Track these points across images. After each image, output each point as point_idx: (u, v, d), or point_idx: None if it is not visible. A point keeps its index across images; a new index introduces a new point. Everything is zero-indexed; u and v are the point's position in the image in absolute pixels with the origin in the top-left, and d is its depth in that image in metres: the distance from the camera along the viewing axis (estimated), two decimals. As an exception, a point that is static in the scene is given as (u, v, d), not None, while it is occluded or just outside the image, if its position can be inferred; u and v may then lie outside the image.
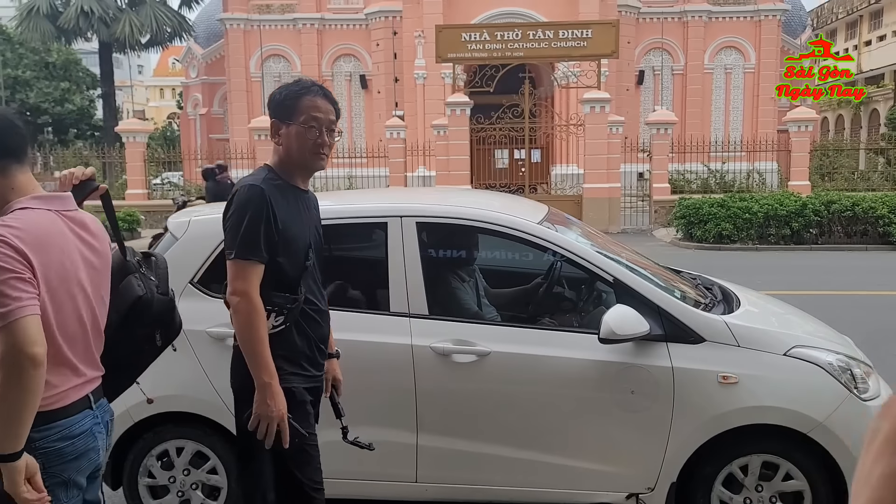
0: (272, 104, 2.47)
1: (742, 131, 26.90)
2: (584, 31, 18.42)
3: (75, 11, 24.03)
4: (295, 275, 2.44)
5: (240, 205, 2.35)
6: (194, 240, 3.39)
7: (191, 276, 3.30)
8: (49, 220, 1.90)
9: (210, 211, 3.88)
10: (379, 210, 3.50)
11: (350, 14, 27.85)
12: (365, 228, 3.52)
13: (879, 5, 42.41)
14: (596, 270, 3.28)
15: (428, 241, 3.49)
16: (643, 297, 3.15)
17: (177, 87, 54.54)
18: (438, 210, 3.55)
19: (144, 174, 19.88)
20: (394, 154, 20.06)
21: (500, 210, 3.50)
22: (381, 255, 3.33)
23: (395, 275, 3.27)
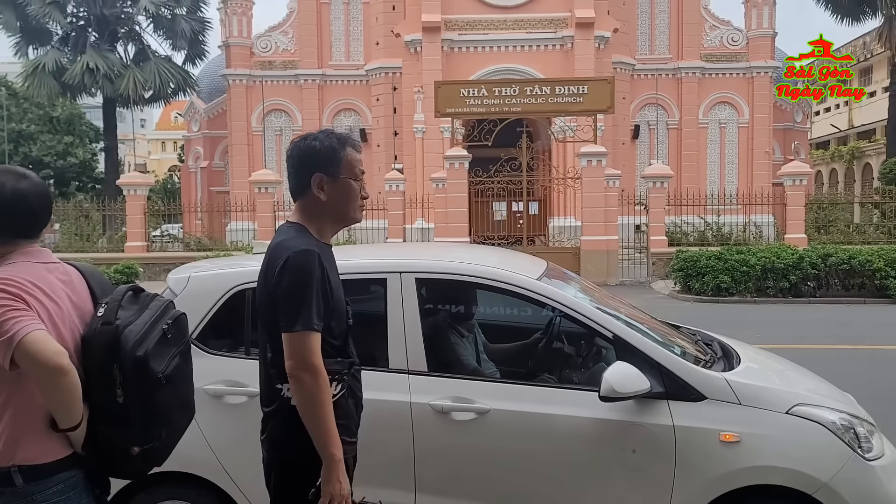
0: (313, 157, 2.33)
1: (737, 184, 27.18)
2: (580, 88, 18.78)
3: (81, 68, 24.47)
4: (343, 336, 2.37)
5: (297, 272, 2.20)
6: (194, 296, 3.38)
7: (189, 332, 3.28)
8: (36, 270, 2.00)
9: (209, 266, 3.88)
10: (378, 266, 3.51)
11: (351, 70, 28.42)
12: (364, 284, 3.50)
13: (868, 63, 43.38)
14: (595, 327, 3.27)
15: (427, 296, 3.49)
16: (643, 353, 3.14)
17: (179, 140, 55.29)
18: (438, 266, 3.55)
19: (144, 227, 19.96)
20: (393, 206, 20.20)
21: (499, 266, 3.51)
22: (380, 311, 3.32)
23: (394, 331, 3.26)
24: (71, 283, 2.10)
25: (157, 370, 2.04)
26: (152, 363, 2.03)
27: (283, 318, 2.21)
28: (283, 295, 2.21)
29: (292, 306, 2.20)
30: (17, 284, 1.90)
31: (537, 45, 24.42)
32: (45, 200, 2.09)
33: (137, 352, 2.00)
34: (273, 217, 19.99)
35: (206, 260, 4.37)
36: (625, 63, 26.99)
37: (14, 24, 25.32)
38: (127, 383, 2.00)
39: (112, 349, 2.00)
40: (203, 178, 32.68)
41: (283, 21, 28.98)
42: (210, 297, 3.32)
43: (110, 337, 2.01)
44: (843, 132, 46.10)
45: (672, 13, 28.46)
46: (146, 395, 2.03)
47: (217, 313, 3.34)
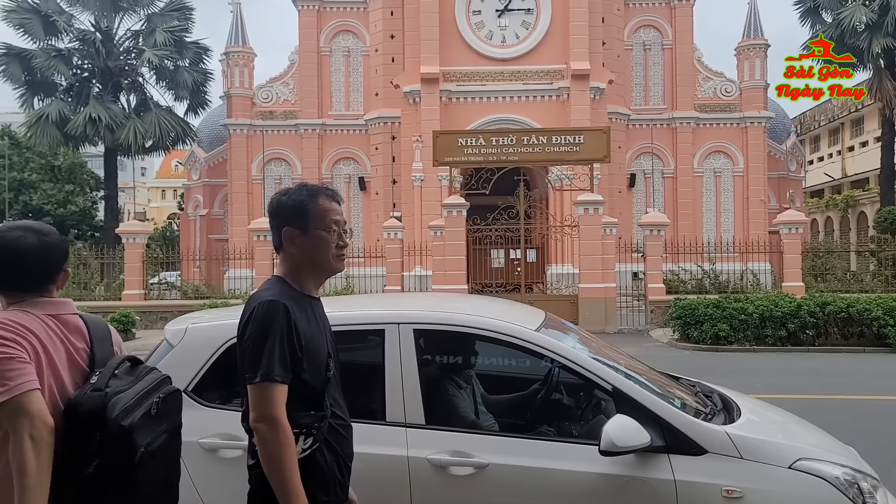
0: (282, 212, 2.36)
1: (734, 232, 27.35)
2: (576, 137, 19.03)
3: (84, 119, 24.78)
4: (319, 389, 2.30)
5: (261, 323, 2.19)
6: (191, 347, 3.36)
7: (185, 384, 3.24)
8: (36, 321, 2.00)
9: (208, 317, 3.87)
10: (376, 317, 3.50)
11: (350, 120, 28.82)
12: (362, 335, 3.48)
13: (860, 113, 44.11)
14: (595, 379, 3.25)
15: (425, 348, 3.46)
16: (643, 406, 3.12)
17: (179, 188, 55.69)
18: (436, 317, 3.54)
19: (142, 275, 19.96)
20: (391, 254, 20.25)
21: (497, 317, 3.50)
22: (378, 363, 3.30)
23: (392, 383, 3.23)
24: (68, 338, 2.09)
25: (140, 443, 1.97)
26: (136, 435, 1.97)
27: (246, 369, 2.19)
28: (246, 346, 2.20)
29: (254, 357, 2.17)
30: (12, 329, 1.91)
31: (534, 96, 24.84)
32: (45, 257, 2.11)
33: (123, 421, 1.94)
34: (271, 265, 19.99)
35: (205, 311, 4.34)
36: (620, 113, 27.42)
37: (20, 77, 25.72)
38: (106, 454, 1.93)
39: (97, 416, 1.95)
40: (202, 226, 32.82)
41: (284, 72, 29.50)
42: (207, 349, 3.29)
43: (97, 403, 1.97)
44: (837, 181, 46.58)
45: (666, 65, 29.04)
46: (126, 469, 1.95)
47: (214, 365, 3.30)
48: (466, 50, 24.90)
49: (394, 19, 27.36)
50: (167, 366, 3.30)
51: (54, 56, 25.61)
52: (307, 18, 28.84)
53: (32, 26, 25.46)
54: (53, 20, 25.59)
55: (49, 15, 25.46)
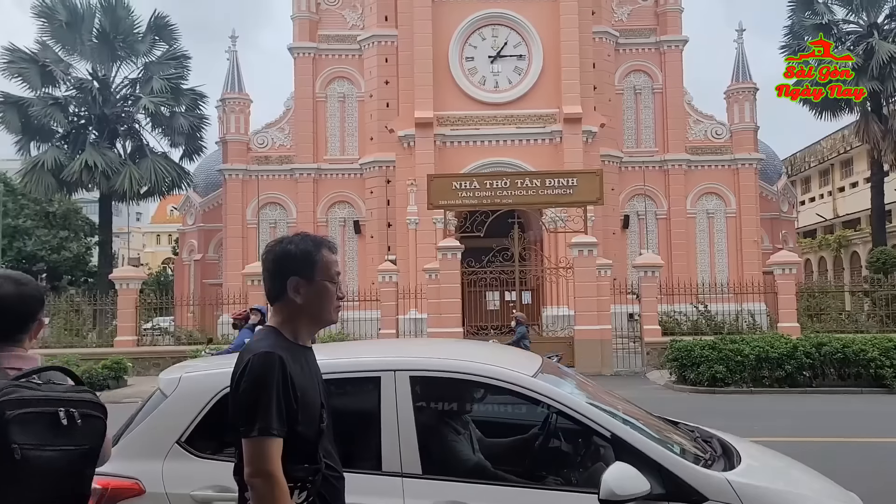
0: (289, 261, 2.32)
1: (728, 273, 27.42)
2: (569, 180, 19.21)
3: (80, 165, 24.93)
4: (313, 441, 2.27)
5: (257, 376, 2.16)
6: (184, 397, 3.30)
7: (178, 434, 3.19)
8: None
9: (202, 366, 3.83)
10: (372, 364, 3.46)
11: (346, 164, 29.04)
12: (357, 383, 3.44)
13: (849, 155, 44.68)
14: (592, 425, 3.22)
15: (421, 395, 3.42)
16: (642, 453, 3.08)
17: (173, 233, 55.70)
18: (432, 364, 3.51)
19: (135, 321, 19.84)
20: (385, 297, 20.20)
21: (493, 363, 3.48)
22: (374, 411, 3.25)
23: (388, 432, 3.18)
24: None
25: (13, 440, 1.85)
26: (13, 429, 1.85)
27: (241, 423, 2.15)
28: (242, 399, 2.17)
29: (249, 411, 2.14)
30: None
31: (527, 140, 25.13)
32: (20, 307, 2.10)
33: (7, 410, 1.85)
34: (266, 310, 19.89)
35: (201, 359, 4.29)
36: (612, 156, 27.71)
37: (17, 124, 25.93)
38: None
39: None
40: (196, 271, 32.76)
41: (280, 118, 29.82)
42: (201, 399, 3.24)
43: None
44: (829, 221, 46.92)
45: (656, 108, 29.47)
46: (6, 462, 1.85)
47: (207, 415, 3.24)
48: (460, 95, 25.27)
49: (388, 65, 27.80)
50: (161, 415, 3.26)
51: (51, 104, 25.88)
52: (303, 65, 29.28)
53: (30, 75, 25.78)
54: (51, 69, 25.92)
55: (46, 64, 25.80)
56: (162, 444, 3.17)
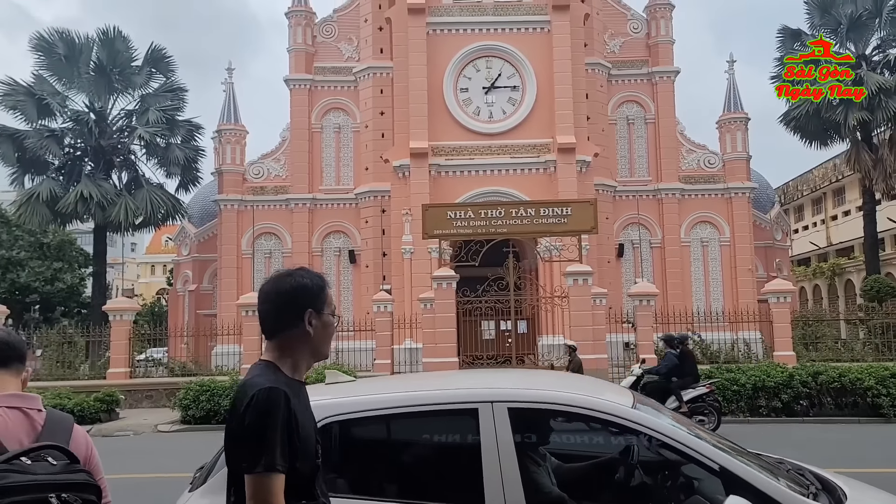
0: (307, 294, 2.33)
1: (723, 301, 27.43)
2: (564, 209, 19.29)
3: (75, 197, 24.91)
4: (309, 477, 2.26)
5: (262, 411, 2.14)
6: None
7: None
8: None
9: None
10: (467, 396, 3.37)
11: (341, 194, 29.14)
12: (453, 415, 3.35)
13: (841, 183, 45.05)
14: (699, 458, 3.09)
15: (521, 427, 3.32)
16: (754, 487, 2.95)
17: (168, 263, 55.62)
18: (531, 395, 3.42)
19: (128, 353, 19.70)
20: (381, 327, 20.13)
21: (591, 394, 3.40)
22: (471, 444, 3.17)
23: (490, 466, 3.07)
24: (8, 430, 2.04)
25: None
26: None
27: (245, 458, 2.12)
28: (247, 434, 2.13)
29: (255, 446, 2.11)
30: None
31: (521, 169, 25.27)
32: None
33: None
34: (259, 340, 19.78)
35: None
36: (606, 185, 27.88)
37: (12, 157, 25.97)
38: None
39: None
40: (191, 302, 32.64)
41: (275, 149, 29.97)
42: None
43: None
44: (823, 249, 47.13)
45: (649, 138, 29.73)
46: None
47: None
48: (454, 125, 25.46)
49: (383, 97, 28.06)
50: None
51: (47, 136, 25.94)
52: (299, 97, 29.52)
53: (27, 108, 25.87)
54: (47, 102, 26.03)
55: (43, 97, 25.92)
56: None
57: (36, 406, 2.10)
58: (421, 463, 3.20)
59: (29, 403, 2.10)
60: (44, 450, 2.01)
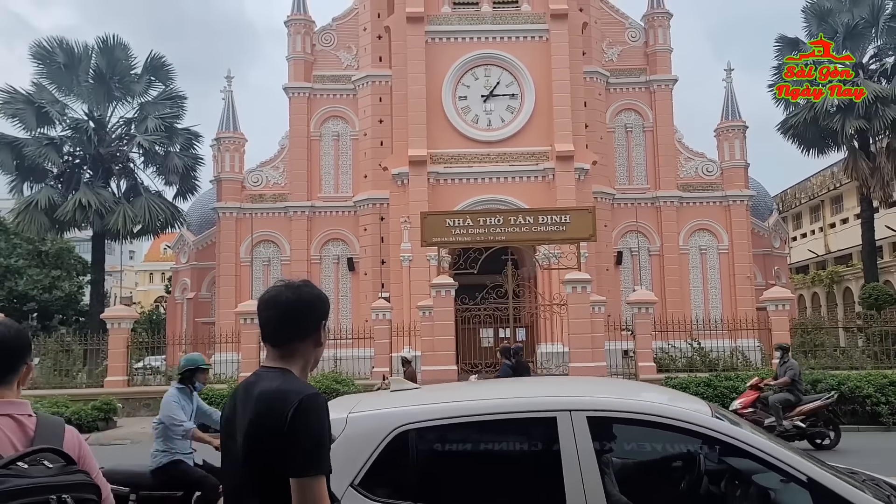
0: (321, 304, 2.40)
1: (721, 309, 27.41)
2: (562, 217, 19.31)
3: (73, 205, 24.90)
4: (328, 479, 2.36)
5: (316, 417, 2.18)
6: (355, 437, 3.16)
7: (351, 478, 3.05)
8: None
9: (363, 405, 3.63)
10: (546, 404, 3.34)
11: (339, 202, 29.15)
12: (530, 424, 3.31)
13: (839, 191, 45.11)
14: (787, 468, 3.04)
15: (601, 436, 3.28)
16: (843, 498, 2.91)
17: (166, 271, 55.56)
18: (611, 404, 3.39)
19: (126, 361, 19.65)
20: (379, 335, 20.10)
21: (670, 403, 3.36)
22: (551, 453, 3.13)
23: (571, 476, 3.03)
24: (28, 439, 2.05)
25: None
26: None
27: (297, 462, 2.14)
28: (302, 439, 2.14)
29: (312, 451, 2.15)
30: None
31: (520, 177, 25.30)
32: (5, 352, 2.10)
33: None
34: (258, 348, 19.75)
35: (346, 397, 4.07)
36: (605, 193, 27.91)
37: (10, 165, 25.94)
38: None
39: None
40: (189, 310, 32.60)
41: (274, 156, 30.00)
42: (373, 439, 3.13)
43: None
44: (821, 257, 47.17)
45: (647, 146, 29.79)
46: None
47: (381, 456, 3.13)
48: (453, 133, 25.50)
49: (382, 105, 28.12)
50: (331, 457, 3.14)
51: (46, 144, 25.94)
52: (298, 105, 29.57)
53: (26, 116, 25.88)
54: (46, 110, 26.04)
55: (42, 105, 25.93)
56: (334, 488, 3.01)
57: (26, 412, 2.10)
58: (497, 472, 3.18)
59: (19, 409, 2.10)
60: (39, 453, 2.00)
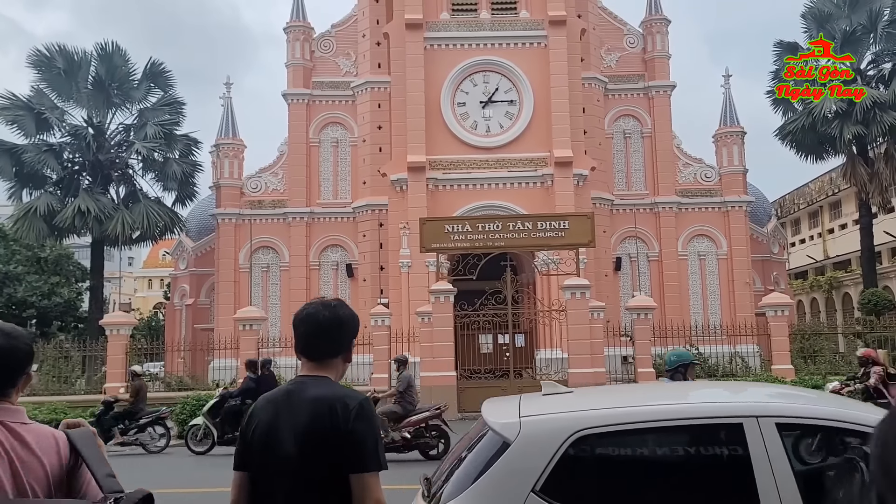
0: (354, 326, 2.71)
1: (720, 315, 27.41)
2: (561, 223, 19.31)
3: (72, 211, 24.88)
4: None
5: (372, 419, 2.46)
6: (533, 442, 3.11)
7: (532, 483, 3.02)
8: None
9: (533, 408, 3.57)
10: (730, 410, 3.26)
11: (338, 208, 29.17)
12: (712, 430, 3.18)
13: (837, 197, 45.18)
14: None
15: (794, 444, 3.18)
16: None
17: (165, 277, 55.52)
18: (798, 410, 3.26)
19: (125, 367, 19.61)
20: (378, 341, 20.09)
21: (858, 409, 3.29)
22: (739, 462, 3.02)
23: (765, 484, 2.92)
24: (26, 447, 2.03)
25: None
26: None
27: (360, 460, 2.38)
28: (365, 439, 2.40)
29: (373, 449, 2.41)
30: None
31: (519, 183, 25.31)
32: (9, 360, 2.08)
33: None
34: (257, 354, 19.71)
35: (496, 399, 3.96)
36: (603, 198, 27.93)
37: (9, 171, 25.95)
38: None
39: None
40: (188, 316, 32.57)
41: (273, 163, 30.02)
42: (552, 443, 3.06)
43: None
44: (820, 262, 47.19)
45: (646, 152, 29.83)
46: None
47: (561, 460, 3.07)
48: (452, 139, 25.52)
49: (381, 111, 28.16)
50: (509, 463, 3.09)
51: (45, 151, 25.95)
52: (297, 111, 29.61)
53: (25, 122, 25.90)
54: (45, 116, 26.06)
55: (42, 112, 25.96)
56: (516, 494, 3.03)
57: (20, 419, 2.07)
58: (682, 479, 3.10)
59: (12, 417, 2.06)
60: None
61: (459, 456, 3.43)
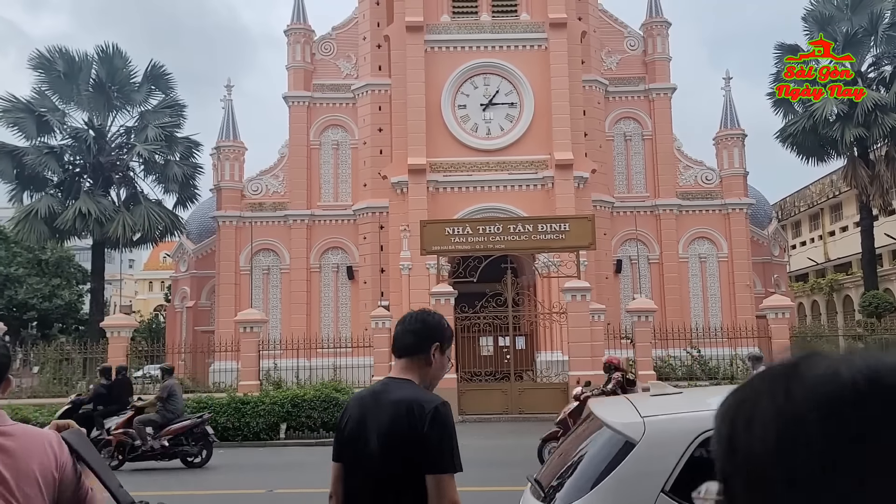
0: (441, 330, 2.81)
1: (721, 317, 27.38)
2: (561, 225, 19.32)
3: (73, 213, 24.92)
4: None
5: (449, 421, 2.58)
6: (660, 443, 3.12)
7: (661, 483, 3.02)
8: None
9: (658, 407, 3.53)
10: None
11: (339, 210, 29.18)
12: None
13: (838, 199, 45.16)
14: None
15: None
16: None
17: (166, 280, 55.52)
18: None
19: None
20: (379, 343, 20.06)
21: None
22: None
23: None
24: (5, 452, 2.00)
25: None
26: None
27: (438, 461, 2.51)
28: (441, 441, 2.52)
29: (451, 451, 2.53)
30: None
31: (519, 185, 25.32)
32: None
33: None
34: (257, 357, 19.73)
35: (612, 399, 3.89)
36: (604, 201, 27.92)
37: (10, 173, 25.99)
38: None
39: None
40: (188, 318, 32.56)
41: (274, 165, 30.04)
42: (680, 444, 3.05)
43: None
44: (821, 265, 47.17)
45: (646, 154, 29.84)
46: None
47: (690, 461, 3.06)
48: (452, 142, 25.53)
49: (382, 113, 28.18)
50: (636, 463, 3.10)
51: (46, 153, 26.00)
52: (297, 114, 29.64)
53: (26, 125, 25.95)
54: (47, 119, 26.12)
55: (43, 114, 26.01)
56: (646, 494, 3.04)
57: (5, 422, 2.05)
58: None
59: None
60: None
61: (569, 456, 3.43)
